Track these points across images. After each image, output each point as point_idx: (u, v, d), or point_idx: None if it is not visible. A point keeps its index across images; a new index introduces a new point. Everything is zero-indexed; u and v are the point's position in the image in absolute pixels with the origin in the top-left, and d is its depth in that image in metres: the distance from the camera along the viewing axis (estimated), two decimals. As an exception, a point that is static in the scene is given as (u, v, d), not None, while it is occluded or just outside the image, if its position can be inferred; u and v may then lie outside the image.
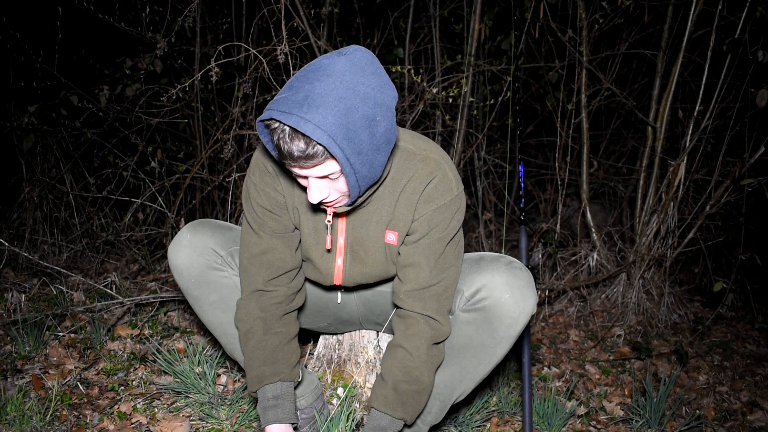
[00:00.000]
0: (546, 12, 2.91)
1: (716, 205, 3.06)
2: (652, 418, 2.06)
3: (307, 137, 1.07)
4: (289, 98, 1.08)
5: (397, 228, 1.37)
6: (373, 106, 1.10)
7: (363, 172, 1.14)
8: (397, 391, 1.36)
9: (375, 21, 3.42)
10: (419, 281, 1.36)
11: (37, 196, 3.28)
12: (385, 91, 1.14)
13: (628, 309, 3.13)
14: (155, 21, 3.00)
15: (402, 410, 1.37)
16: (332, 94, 1.06)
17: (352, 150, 1.09)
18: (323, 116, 1.05)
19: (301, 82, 1.09)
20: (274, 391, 1.40)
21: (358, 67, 1.10)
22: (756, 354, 3.14)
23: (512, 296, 1.36)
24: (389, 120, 1.15)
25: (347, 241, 1.41)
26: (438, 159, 1.34)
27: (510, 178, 3.30)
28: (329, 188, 1.20)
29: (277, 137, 1.10)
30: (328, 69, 1.09)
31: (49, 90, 3.11)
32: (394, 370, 1.38)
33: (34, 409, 1.66)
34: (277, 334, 1.43)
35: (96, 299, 2.51)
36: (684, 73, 3.16)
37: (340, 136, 1.06)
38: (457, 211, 1.36)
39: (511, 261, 1.42)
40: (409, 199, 1.34)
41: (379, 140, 1.13)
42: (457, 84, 3.05)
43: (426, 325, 1.37)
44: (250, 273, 1.43)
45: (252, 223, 1.42)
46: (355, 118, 1.08)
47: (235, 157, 2.95)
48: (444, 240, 1.36)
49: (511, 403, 2.04)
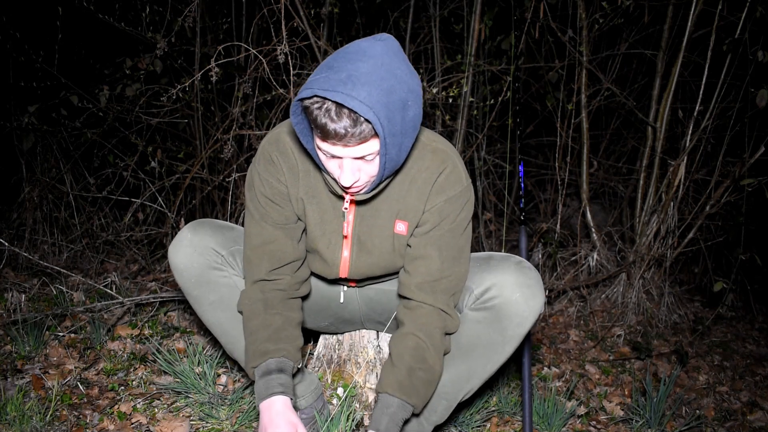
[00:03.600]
0: (546, 12, 2.91)
1: (716, 205, 3.06)
2: (652, 418, 2.06)
3: (354, 113, 1.08)
4: (331, 77, 1.08)
5: (407, 218, 1.38)
6: (407, 91, 1.13)
7: (392, 154, 1.16)
8: (411, 376, 1.33)
9: (375, 21, 3.42)
10: (431, 273, 1.36)
11: (37, 196, 3.27)
12: (414, 78, 1.17)
13: (628, 309, 3.13)
14: (155, 21, 3.00)
15: (416, 396, 1.33)
16: (375, 74, 1.08)
17: (390, 130, 1.11)
18: (369, 93, 1.06)
19: (342, 62, 1.10)
20: (277, 364, 1.34)
21: (393, 52, 1.14)
22: (756, 354, 3.14)
23: (522, 295, 1.35)
24: (419, 106, 1.18)
25: (354, 231, 1.41)
26: (447, 150, 1.36)
27: (510, 178, 3.30)
28: (360, 171, 1.20)
29: (320, 115, 1.09)
30: (369, 51, 1.11)
31: (49, 90, 3.11)
32: (406, 356, 1.34)
33: (34, 409, 1.66)
34: (281, 315, 1.40)
35: (96, 299, 2.51)
36: (684, 73, 3.16)
37: (383, 115, 1.08)
38: (467, 202, 1.37)
39: (521, 260, 1.42)
40: (421, 189, 1.35)
41: (407, 124, 1.16)
42: (457, 84, 3.05)
43: (438, 316, 1.37)
44: (253, 263, 1.42)
45: (255, 212, 1.41)
46: (395, 100, 1.10)
47: (235, 157, 2.95)
48: (455, 231, 1.36)
49: (511, 403, 2.04)
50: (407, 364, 1.34)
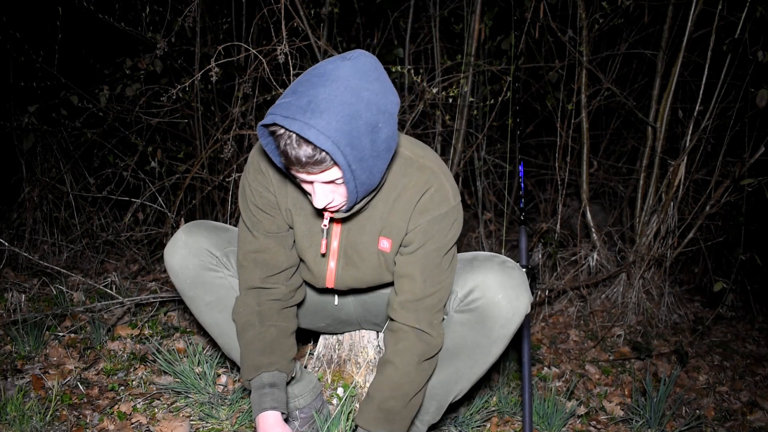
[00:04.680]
0: (546, 12, 2.91)
1: (716, 205, 3.06)
2: (652, 418, 2.06)
3: (312, 143, 1.05)
4: (293, 103, 1.06)
5: (390, 235, 1.36)
6: (376, 112, 1.09)
7: (362, 178, 1.13)
8: (382, 408, 1.36)
9: (375, 21, 3.42)
10: (414, 292, 1.35)
11: (37, 196, 3.27)
12: (388, 97, 1.12)
13: (628, 309, 3.13)
14: (155, 21, 3.00)
15: (389, 426, 1.37)
16: (336, 100, 1.05)
17: (354, 157, 1.08)
18: (327, 122, 1.03)
19: (305, 87, 1.08)
20: (270, 378, 1.40)
21: (362, 73, 1.09)
22: (756, 354, 3.14)
23: (505, 296, 1.35)
24: (391, 127, 1.14)
25: (341, 245, 1.40)
26: (435, 168, 1.32)
27: (510, 178, 3.30)
28: (333, 193, 1.19)
29: (283, 143, 1.08)
30: (332, 74, 1.07)
31: (49, 90, 3.11)
32: (382, 386, 1.37)
33: (34, 409, 1.66)
34: (276, 327, 1.42)
35: (96, 299, 2.51)
36: (684, 73, 3.16)
37: (343, 143, 1.05)
38: (454, 223, 1.34)
39: (505, 260, 1.41)
40: (404, 208, 1.32)
41: (380, 147, 1.12)
42: (457, 84, 3.05)
43: (417, 340, 1.36)
44: (247, 270, 1.43)
45: (247, 221, 1.42)
46: (359, 125, 1.06)
47: (235, 157, 2.94)
48: (440, 251, 1.34)
49: (511, 403, 2.04)
50: (381, 395, 1.37)
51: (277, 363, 1.40)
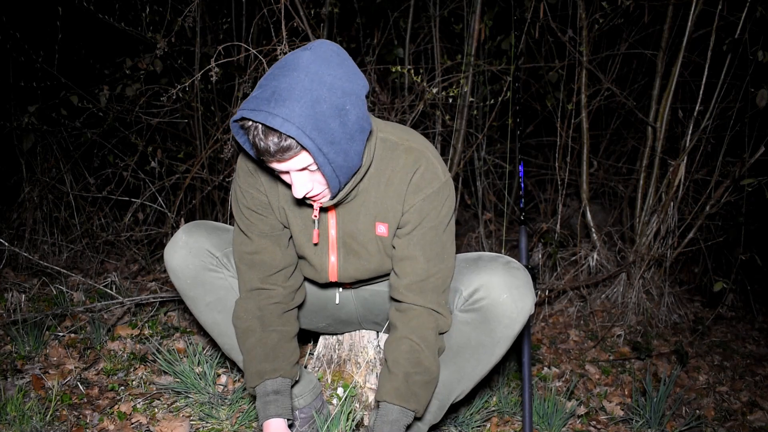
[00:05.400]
0: (546, 12, 2.91)
1: (716, 205, 3.06)
2: (652, 418, 2.06)
3: (278, 131, 1.08)
4: (258, 96, 1.10)
5: (386, 220, 1.37)
6: (342, 95, 1.12)
7: (338, 162, 1.15)
8: (409, 382, 1.34)
9: (375, 21, 3.42)
10: (417, 273, 1.36)
11: (37, 196, 3.27)
12: (353, 80, 1.15)
13: (628, 309, 3.13)
14: (155, 21, 3.00)
15: (415, 401, 1.35)
16: (298, 87, 1.09)
17: (324, 140, 1.10)
18: (290, 109, 1.07)
19: (269, 80, 1.12)
20: (274, 386, 1.40)
21: (322, 59, 1.13)
22: (756, 354, 3.14)
23: (510, 296, 1.35)
24: (360, 108, 1.16)
25: (339, 236, 1.41)
26: (421, 148, 1.33)
27: (510, 178, 3.30)
28: (311, 181, 1.21)
29: (252, 135, 1.12)
30: (292, 64, 1.12)
31: (49, 90, 3.11)
32: (402, 361, 1.35)
33: (34, 409, 1.66)
34: (277, 332, 1.43)
35: (96, 299, 2.51)
36: (684, 73, 3.15)
37: (309, 127, 1.08)
38: (447, 198, 1.35)
39: (509, 261, 1.41)
40: (397, 190, 1.34)
41: (351, 129, 1.15)
42: (457, 84, 3.05)
43: (429, 316, 1.37)
44: (245, 273, 1.44)
45: (240, 224, 1.43)
46: (324, 109, 1.10)
47: (235, 157, 2.94)
48: (437, 229, 1.35)
49: (511, 403, 2.04)
50: (403, 370, 1.34)
51: (280, 369, 1.41)
